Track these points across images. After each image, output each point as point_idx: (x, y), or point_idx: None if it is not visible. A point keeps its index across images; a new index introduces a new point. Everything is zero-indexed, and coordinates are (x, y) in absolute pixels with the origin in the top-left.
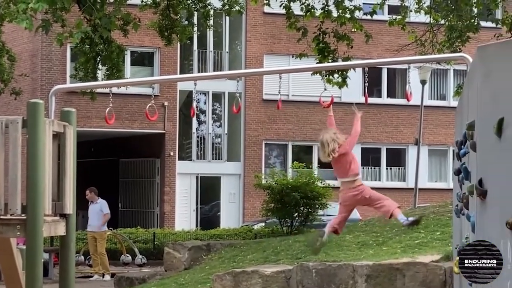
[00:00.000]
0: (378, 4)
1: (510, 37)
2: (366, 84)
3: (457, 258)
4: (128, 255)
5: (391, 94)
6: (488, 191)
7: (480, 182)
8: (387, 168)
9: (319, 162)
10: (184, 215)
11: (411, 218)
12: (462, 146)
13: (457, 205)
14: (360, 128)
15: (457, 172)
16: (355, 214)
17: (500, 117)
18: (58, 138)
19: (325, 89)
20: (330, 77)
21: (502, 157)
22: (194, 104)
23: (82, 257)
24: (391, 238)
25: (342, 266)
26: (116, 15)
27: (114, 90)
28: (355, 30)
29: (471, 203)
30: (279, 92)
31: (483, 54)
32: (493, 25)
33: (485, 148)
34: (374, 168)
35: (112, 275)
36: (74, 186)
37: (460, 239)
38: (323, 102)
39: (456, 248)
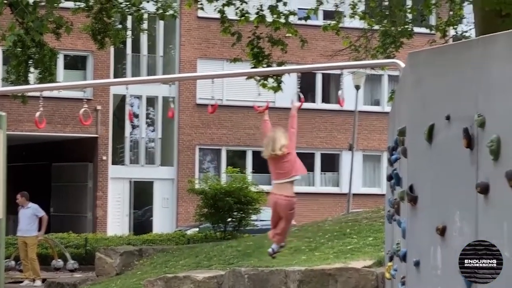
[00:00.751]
0: (313, 9)
1: (443, 43)
2: (299, 89)
3: (389, 263)
4: (59, 260)
5: (325, 99)
6: (418, 197)
7: (411, 188)
8: (321, 173)
9: (253, 167)
10: (116, 220)
11: (270, 251)
12: (394, 152)
13: (389, 211)
14: (295, 127)
15: (388, 178)
16: None
17: (430, 123)
18: None
19: (259, 94)
20: (265, 81)
21: (433, 163)
22: (128, 108)
23: (13, 262)
24: (323, 243)
25: (274, 271)
26: (49, 18)
27: (47, 93)
28: (290, 35)
29: (402, 209)
30: (212, 97)
31: (414, 60)
32: (427, 31)
33: (416, 154)
34: (308, 173)
35: (43, 281)
36: (4, 190)
37: (392, 244)
38: (258, 107)
39: (387, 253)
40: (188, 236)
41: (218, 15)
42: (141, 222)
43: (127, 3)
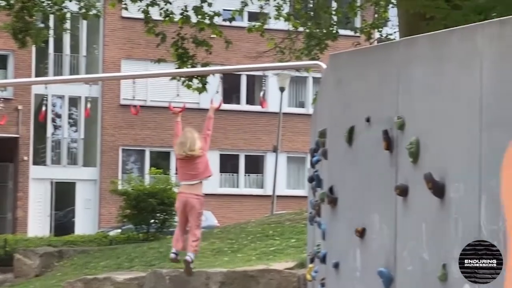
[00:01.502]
0: (237, 11)
1: (368, 46)
2: (218, 90)
3: (310, 265)
4: None
5: (250, 101)
6: (338, 199)
7: (331, 189)
8: (245, 175)
9: (177, 168)
10: (37, 221)
11: (189, 258)
12: (315, 154)
13: (310, 213)
14: (211, 129)
15: (310, 180)
16: (212, 220)
17: (350, 125)
18: None
19: (177, 95)
20: (190, 82)
21: (353, 165)
22: (44, 108)
23: None
24: (246, 245)
25: (196, 273)
26: None
27: None
28: (215, 36)
29: (323, 211)
30: (133, 97)
31: (335, 62)
32: (352, 33)
33: (336, 156)
34: (232, 175)
35: None
36: None
37: (313, 246)
38: (174, 107)
39: (309, 255)
40: (111, 237)
41: (142, 15)
42: (62, 223)
43: (49, 2)
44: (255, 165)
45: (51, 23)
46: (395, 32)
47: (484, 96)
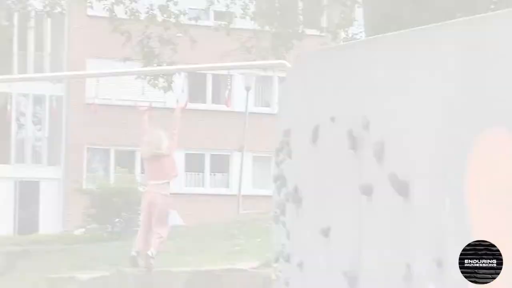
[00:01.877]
0: (203, 10)
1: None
2: (183, 91)
3: (275, 265)
4: None
5: (215, 100)
6: (302, 198)
7: (296, 189)
8: (210, 174)
9: (142, 167)
10: (1, 220)
11: (150, 253)
12: (280, 153)
13: (275, 212)
14: (177, 129)
15: (275, 179)
16: (177, 219)
17: (315, 124)
18: None
19: (143, 94)
20: (156, 81)
21: (317, 164)
22: (9, 107)
23: None
24: (211, 244)
25: (160, 272)
26: None
27: None
28: (180, 35)
29: (287, 210)
30: (96, 96)
31: (300, 61)
32: (319, 33)
33: (300, 155)
34: (198, 174)
35: None
36: None
37: (278, 246)
38: (140, 106)
39: (274, 255)
40: (75, 236)
41: (107, 14)
42: (26, 222)
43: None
44: (220, 165)
45: (15, 21)
46: (361, 32)
47: (448, 96)
